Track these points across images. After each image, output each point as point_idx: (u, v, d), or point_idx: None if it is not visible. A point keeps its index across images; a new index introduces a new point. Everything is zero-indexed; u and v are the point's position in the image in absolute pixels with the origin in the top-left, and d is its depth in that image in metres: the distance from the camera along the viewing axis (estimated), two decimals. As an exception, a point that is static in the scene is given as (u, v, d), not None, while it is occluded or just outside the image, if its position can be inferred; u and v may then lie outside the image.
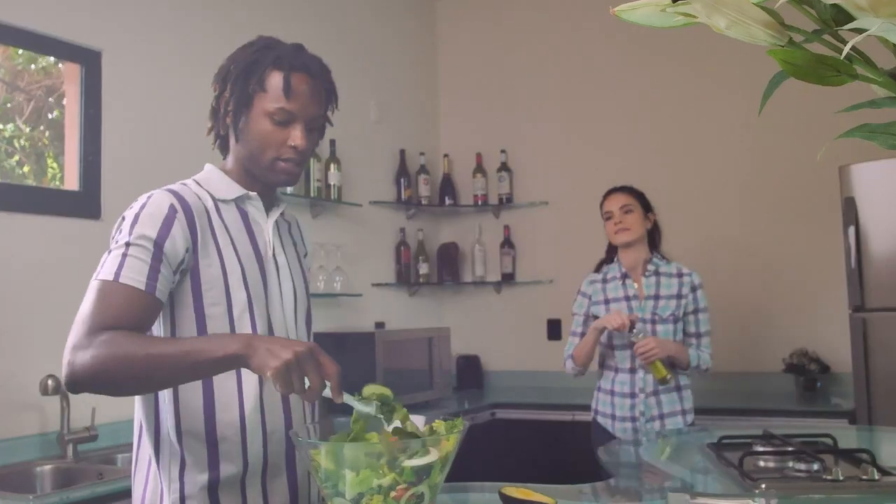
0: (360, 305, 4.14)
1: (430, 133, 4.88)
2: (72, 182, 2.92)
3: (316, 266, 3.85)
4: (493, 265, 4.70)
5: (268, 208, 1.61)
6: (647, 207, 3.05)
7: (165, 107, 3.19)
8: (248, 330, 1.49)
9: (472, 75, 4.87)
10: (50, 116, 3.14)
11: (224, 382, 1.47)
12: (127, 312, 1.36)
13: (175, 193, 1.49)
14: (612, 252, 3.12)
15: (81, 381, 1.32)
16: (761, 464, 1.71)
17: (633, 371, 2.91)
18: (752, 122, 4.05)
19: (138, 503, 1.49)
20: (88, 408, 2.66)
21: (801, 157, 3.92)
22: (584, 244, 3.74)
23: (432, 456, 1.29)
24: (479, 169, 4.69)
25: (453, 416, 1.38)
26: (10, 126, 3.02)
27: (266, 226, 1.59)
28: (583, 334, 3.00)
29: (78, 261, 2.79)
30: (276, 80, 1.50)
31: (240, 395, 1.47)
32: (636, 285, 2.98)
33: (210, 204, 1.52)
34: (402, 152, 4.53)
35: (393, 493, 1.25)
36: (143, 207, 1.45)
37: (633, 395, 2.90)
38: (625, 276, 3.00)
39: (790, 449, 1.75)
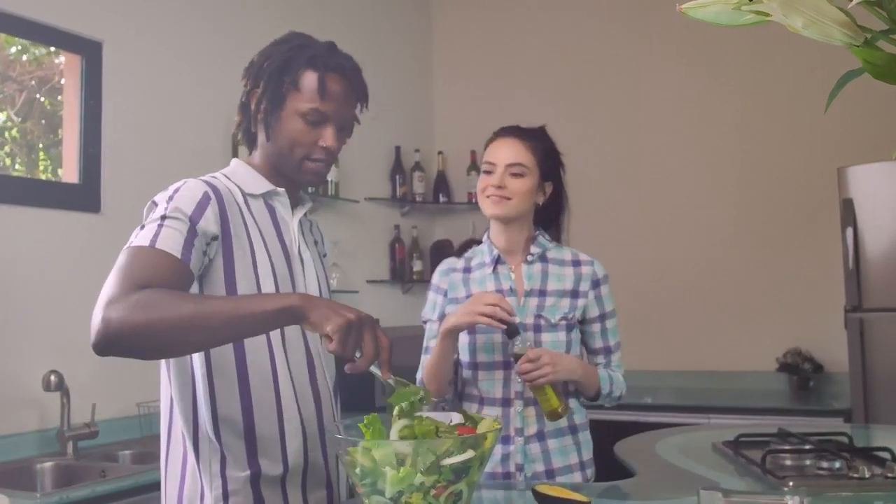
0: (354, 302, 4.12)
1: (424, 130, 4.87)
2: (71, 174, 2.88)
3: (312, 262, 3.83)
4: (487, 263, 4.69)
5: (293, 206, 1.61)
6: (547, 174, 2.02)
7: (167, 99, 3.15)
8: None
9: (467, 72, 4.87)
10: (41, 108, 3.09)
11: (260, 380, 1.45)
12: (162, 275, 1.30)
13: (208, 183, 1.47)
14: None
15: (116, 338, 1.21)
16: (779, 462, 1.72)
17: (506, 403, 1.91)
18: (752, 121, 4.10)
19: (174, 502, 1.47)
20: (88, 404, 2.63)
21: (800, 158, 3.95)
22: (578, 243, 3.75)
23: (470, 454, 1.29)
24: (474, 166, 4.68)
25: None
26: (0, 116, 2.97)
27: (292, 223, 1.58)
28: None
29: (78, 254, 2.76)
30: (310, 80, 1.49)
31: (277, 393, 1.46)
32: (513, 275, 2.01)
33: (240, 197, 1.52)
34: (398, 149, 4.51)
35: (433, 491, 1.25)
36: (177, 190, 1.43)
37: (506, 440, 1.89)
38: (497, 261, 2.02)
39: (810, 447, 1.77)
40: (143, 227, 1.38)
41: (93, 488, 2.17)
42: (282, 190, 1.56)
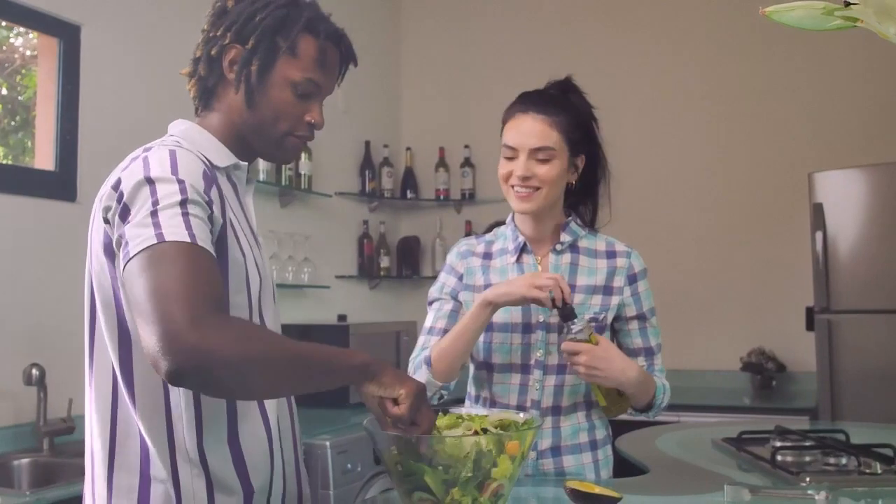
0: (322, 297, 4.08)
1: (393, 126, 4.84)
2: (45, 161, 2.78)
3: (285, 256, 3.77)
4: (454, 260, 4.69)
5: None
6: (577, 147, 1.77)
7: (147, 85, 3.06)
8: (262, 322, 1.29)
9: (435, 69, 4.86)
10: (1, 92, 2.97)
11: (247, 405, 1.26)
12: (220, 285, 1.11)
13: (191, 152, 1.24)
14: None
15: (214, 368, 1.01)
16: (779, 458, 1.76)
17: (521, 411, 1.60)
18: (722, 125, 4.18)
19: None
20: (64, 398, 2.55)
21: (770, 163, 4.05)
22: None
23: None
24: (442, 163, 4.68)
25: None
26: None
27: (248, 199, 1.36)
28: (447, 332, 1.72)
29: (53, 244, 2.67)
30: (309, 46, 1.31)
31: (265, 420, 1.28)
32: (540, 268, 1.77)
33: (210, 171, 1.25)
34: (367, 144, 4.48)
35: (480, 495, 1.25)
36: (175, 160, 1.17)
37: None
38: (522, 250, 1.79)
39: (813, 444, 1.82)
40: (154, 211, 1.09)
41: (79, 487, 2.10)
42: (244, 164, 1.34)
